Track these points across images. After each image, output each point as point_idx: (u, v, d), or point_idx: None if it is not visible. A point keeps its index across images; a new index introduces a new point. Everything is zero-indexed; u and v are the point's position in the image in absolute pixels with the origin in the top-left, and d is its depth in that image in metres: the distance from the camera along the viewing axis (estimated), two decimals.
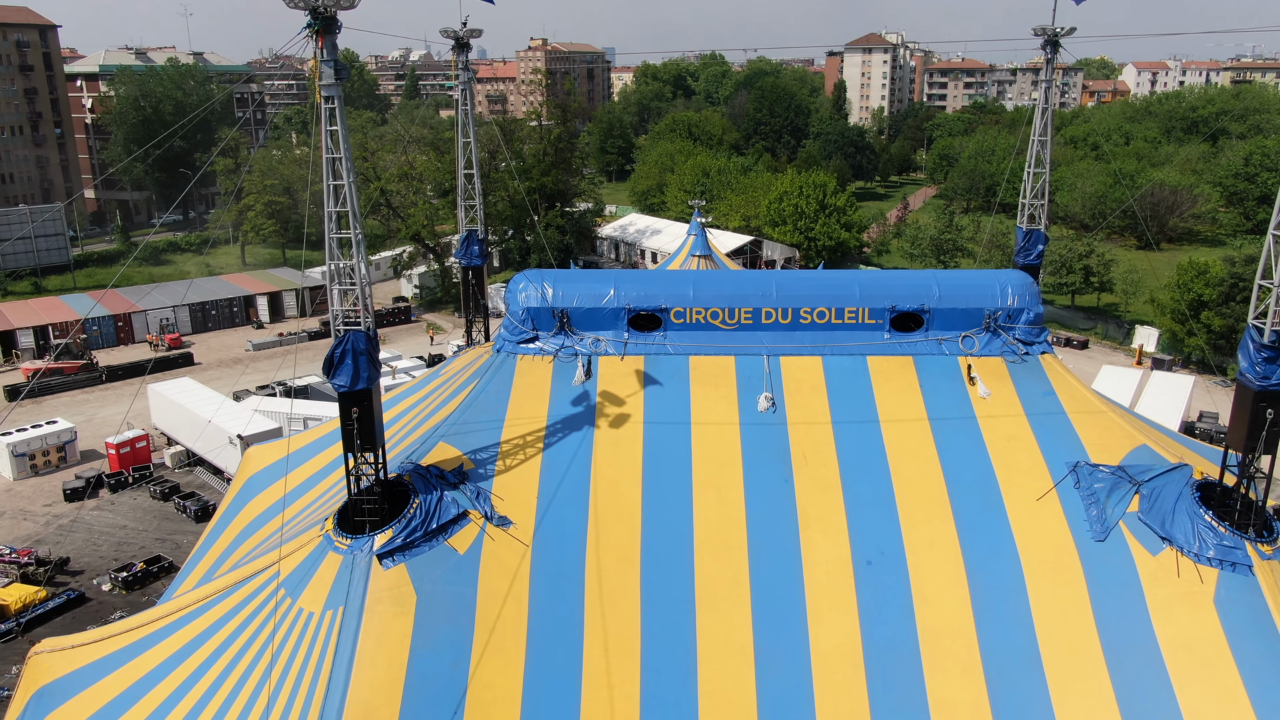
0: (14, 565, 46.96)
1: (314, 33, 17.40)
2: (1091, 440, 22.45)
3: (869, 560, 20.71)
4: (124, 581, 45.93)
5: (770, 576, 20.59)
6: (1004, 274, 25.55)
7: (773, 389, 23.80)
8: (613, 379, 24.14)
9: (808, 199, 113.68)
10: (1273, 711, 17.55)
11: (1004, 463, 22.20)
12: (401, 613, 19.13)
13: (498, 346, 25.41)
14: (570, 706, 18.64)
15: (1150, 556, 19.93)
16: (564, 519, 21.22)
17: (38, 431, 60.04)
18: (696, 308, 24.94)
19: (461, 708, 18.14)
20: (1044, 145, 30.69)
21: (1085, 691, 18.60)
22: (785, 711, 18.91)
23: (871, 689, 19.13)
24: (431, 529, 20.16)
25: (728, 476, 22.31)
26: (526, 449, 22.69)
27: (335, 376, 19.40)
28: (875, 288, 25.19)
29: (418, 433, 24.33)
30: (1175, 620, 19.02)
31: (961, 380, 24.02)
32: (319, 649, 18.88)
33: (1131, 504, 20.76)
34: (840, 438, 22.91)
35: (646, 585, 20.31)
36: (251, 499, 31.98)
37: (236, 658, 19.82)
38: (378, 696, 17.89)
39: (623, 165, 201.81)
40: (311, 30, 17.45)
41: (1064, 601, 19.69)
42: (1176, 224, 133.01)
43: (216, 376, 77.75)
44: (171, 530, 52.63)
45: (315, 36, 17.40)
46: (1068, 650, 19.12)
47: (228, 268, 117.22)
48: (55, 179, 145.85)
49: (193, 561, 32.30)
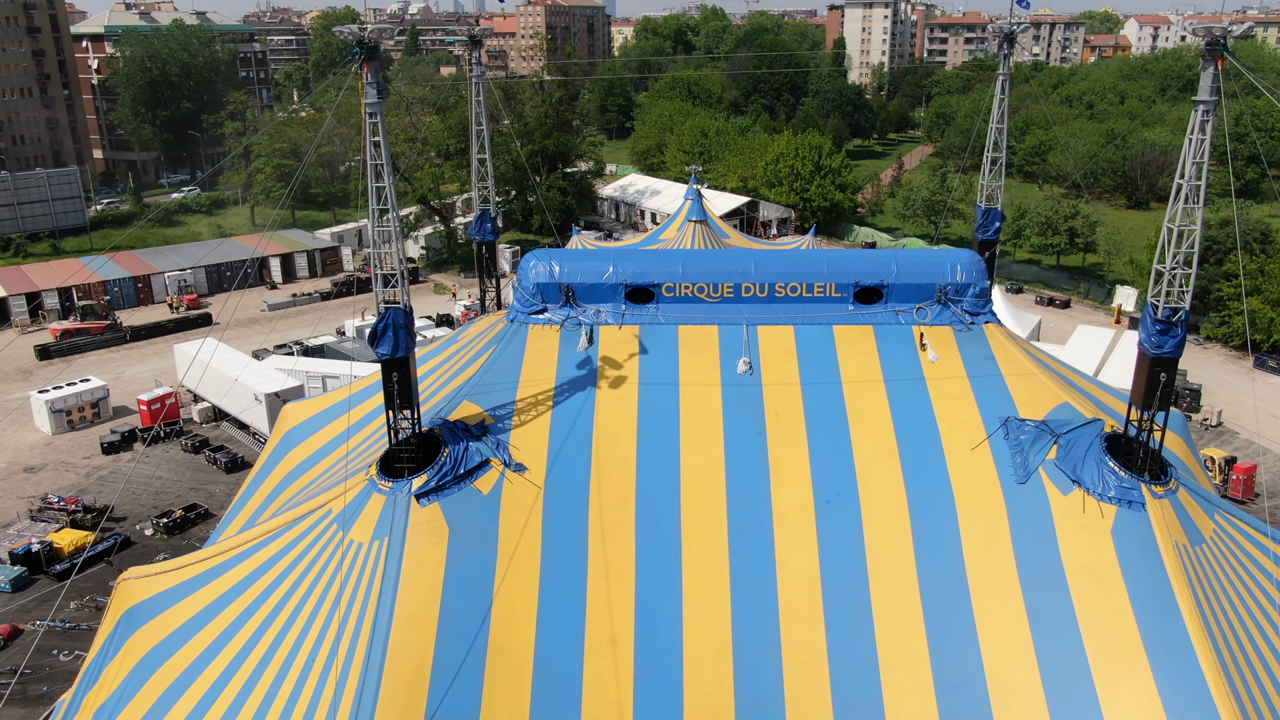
0: (63, 512, 51.07)
1: (360, 60, 20.79)
2: (1021, 399, 26.19)
3: (828, 500, 24.56)
4: (164, 527, 50.05)
5: (744, 513, 24.45)
6: (955, 253, 29.09)
7: (750, 354, 27.47)
8: (612, 346, 27.82)
9: (803, 160, 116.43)
10: (1151, 620, 21.44)
11: (946, 418, 25.96)
12: (436, 542, 23.03)
13: (511, 317, 29.07)
14: (576, 619, 22.59)
15: (1062, 496, 23.76)
16: (570, 465, 25.04)
17: (73, 389, 63.91)
18: (685, 283, 28.54)
19: (487, 619, 22.09)
20: (1001, 132, 34.03)
21: (1002, 607, 22.52)
22: (755, 623, 22.86)
23: (827, 605, 23.06)
24: (459, 474, 24.00)
25: (710, 430, 26.09)
26: (538, 406, 26.45)
27: (379, 346, 23.10)
28: (841, 265, 28.77)
29: (444, 391, 28.08)
30: (1078, 548, 22.88)
31: (914, 347, 27.69)
32: (369, 572, 22.80)
33: (1050, 452, 24.55)
34: (807, 397, 26.64)
35: (640, 521, 24.18)
36: (289, 451, 35.68)
37: (300, 578, 23.79)
38: (419, 609, 21.84)
39: (623, 123, 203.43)
40: (358, 58, 20.84)
41: (988, 533, 23.56)
42: (1166, 184, 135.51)
43: (235, 336, 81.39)
44: (204, 480, 56.71)
45: (361, 63, 20.80)
46: (989, 573, 23.02)
47: (238, 229, 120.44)
48: (65, 140, 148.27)
49: (236, 507, 36.19)
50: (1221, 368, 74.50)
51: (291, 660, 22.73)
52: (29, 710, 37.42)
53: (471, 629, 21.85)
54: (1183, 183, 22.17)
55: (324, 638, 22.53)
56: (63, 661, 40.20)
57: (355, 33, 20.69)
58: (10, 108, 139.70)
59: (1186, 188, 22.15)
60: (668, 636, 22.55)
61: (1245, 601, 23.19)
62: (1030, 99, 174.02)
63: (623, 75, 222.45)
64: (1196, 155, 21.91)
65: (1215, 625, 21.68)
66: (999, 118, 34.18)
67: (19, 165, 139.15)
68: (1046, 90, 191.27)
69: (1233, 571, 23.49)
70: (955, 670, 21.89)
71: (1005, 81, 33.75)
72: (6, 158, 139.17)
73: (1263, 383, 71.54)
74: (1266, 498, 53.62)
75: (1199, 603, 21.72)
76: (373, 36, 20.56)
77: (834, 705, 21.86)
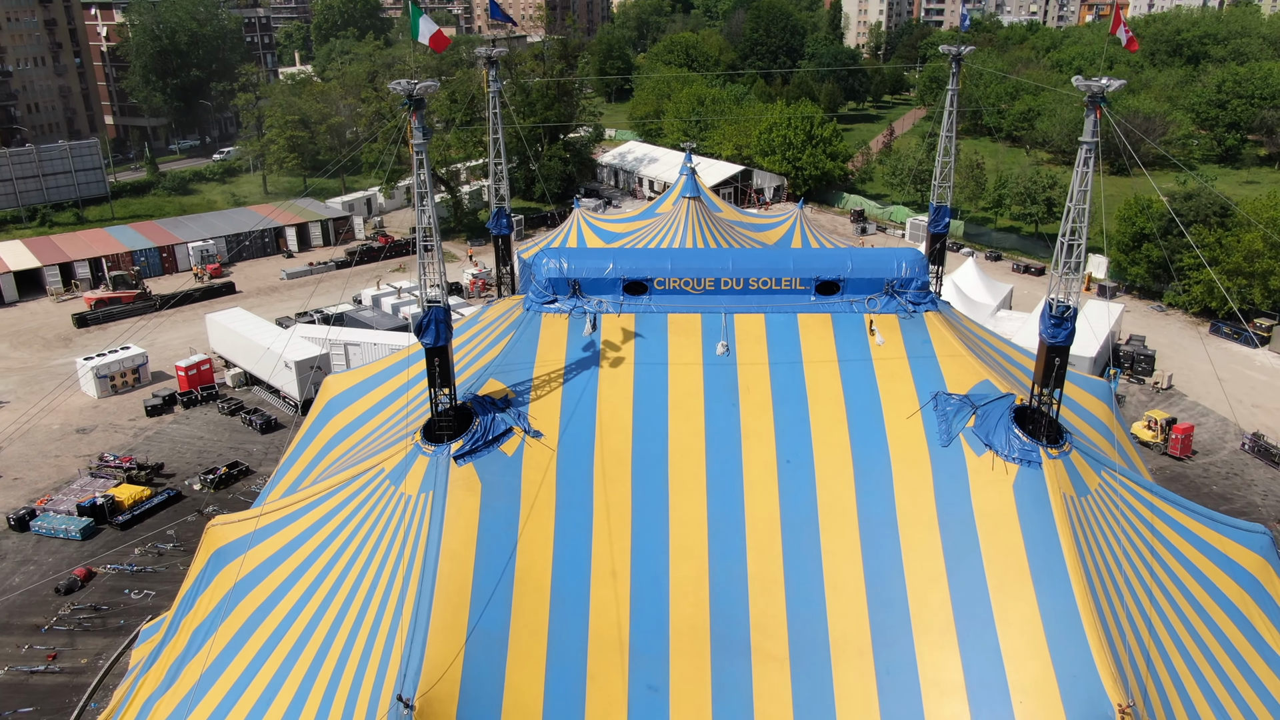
0: (119, 470, 56.83)
1: (409, 110, 25.93)
2: (950, 376, 31.67)
3: (788, 459, 30.16)
4: (211, 482, 55.81)
5: (720, 470, 30.06)
6: (901, 251, 34.38)
7: (727, 338, 32.87)
8: (612, 331, 33.23)
9: (795, 130, 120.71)
10: (1037, 554, 27.08)
11: (888, 392, 31.46)
12: (472, 494, 28.67)
13: (526, 306, 34.43)
14: (584, 554, 28.28)
15: (976, 456, 29.33)
16: (578, 432, 30.60)
17: (115, 356, 69.39)
18: (673, 278, 33.85)
19: (514, 554, 27.79)
20: (951, 139, 39.12)
21: (924, 544, 28.19)
22: (728, 558, 28.54)
23: (785, 544, 28.74)
24: (489, 440, 29.57)
25: (693, 402, 31.61)
26: (551, 382, 31.94)
27: (424, 336, 28.51)
28: (805, 262, 34.12)
29: (473, 369, 33.55)
30: (986, 498, 28.51)
31: (865, 332, 33.10)
32: (418, 518, 28.47)
33: (969, 421, 30.07)
34: (774, 374, 32.11)
35: (635, 476, 29.80)
36: (332, 418, 41.24)
37: (360, 523, 29.49)
38: (460, 546, 27.52)
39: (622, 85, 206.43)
40: (406, 108, 25.98)
41: (916, 486, 29.18)
42: (1149, 150, 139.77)
43: (258, 304, 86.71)
44: (241, 440, 62.42)
45: (410, 112, 25.94)
46: (915, 517, 28.67)
47: (251, 196, 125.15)
48: (77, 108, 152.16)
49: (286, 465, 41.78)
50: (1180, 334, 79.96)
51: (357, 587, 28.50)
52: (110, 639, 43.41)
53: (501, 562, 27.56)
54: (1070, 205, 27.32)
55: (383, 570, 28.29)
56: (134, 600, 46.12)
57: (406, 87, 25.81)
58: (24, 76, 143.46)
59: (1074, 210, 27.33)
60: (657, 568, 28.29)
61: (1119, 538, 28.93)
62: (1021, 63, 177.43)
63: (621, 34, 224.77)
64: (1081, 184, 27.07)
65: (1089, 557, 27.41)
66: (948, 127, 39.23)
67: (34, 133, 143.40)
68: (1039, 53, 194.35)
69: (1109, 516, 29.18)
70: (885, 593, 27.66)
71: (953, 95, 38.77)
72: (22, 126, 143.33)
73: (1216, 347, 77.05)
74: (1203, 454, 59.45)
75: (1076, 541, 27.42)
76: (420, 92, 25.68)
77: (789, 622, 27.64)
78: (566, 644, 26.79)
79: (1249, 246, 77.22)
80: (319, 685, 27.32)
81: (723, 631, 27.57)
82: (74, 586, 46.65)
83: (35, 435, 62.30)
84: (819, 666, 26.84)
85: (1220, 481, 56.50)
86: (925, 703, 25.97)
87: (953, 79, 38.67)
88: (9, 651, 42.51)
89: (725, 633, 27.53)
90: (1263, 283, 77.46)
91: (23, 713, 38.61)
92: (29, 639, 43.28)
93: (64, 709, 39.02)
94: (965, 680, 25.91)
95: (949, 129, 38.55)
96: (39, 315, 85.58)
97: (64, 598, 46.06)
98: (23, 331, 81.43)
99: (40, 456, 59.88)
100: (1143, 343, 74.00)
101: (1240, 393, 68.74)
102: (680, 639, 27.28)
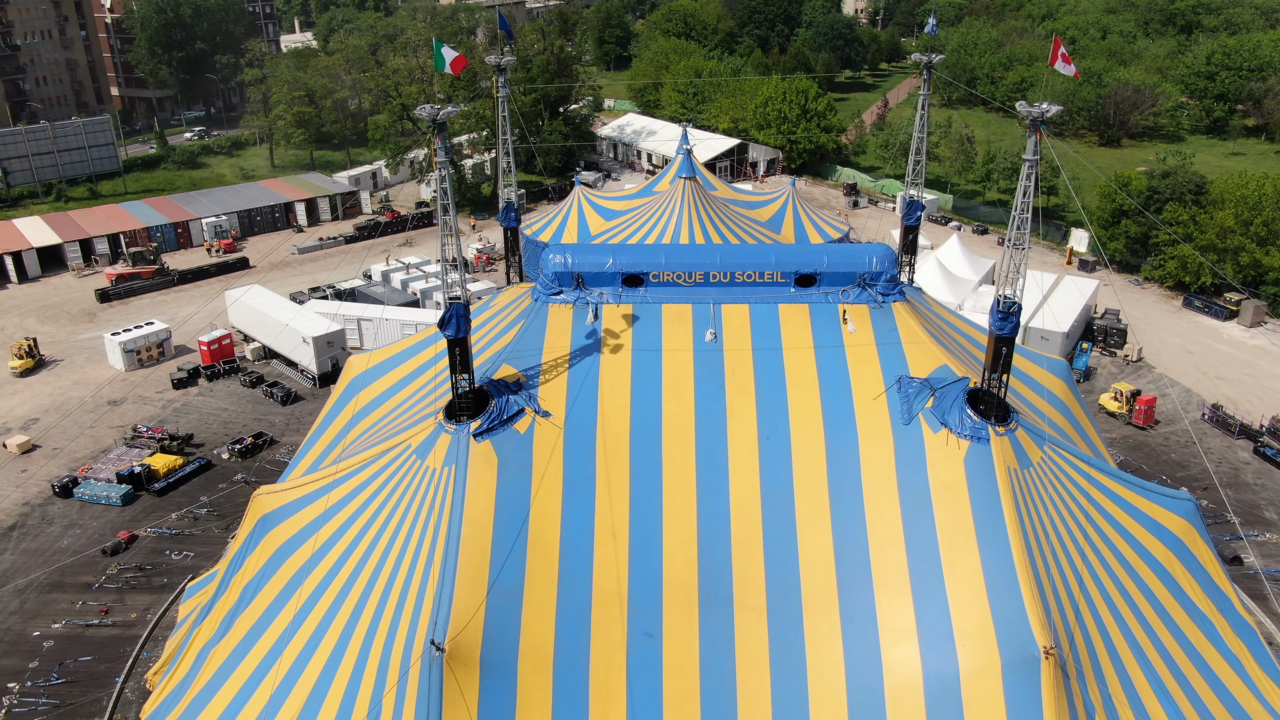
0: (152, 440, 60.87)
1: (433, 133, 29.52)
2: (913, 361, 35.55)
3: (768, 435, 34.14)
4: (238, 451, 59.83)
5: (708, 444, 34.05)
6: (872, 247, 38.10)
7: (715, 326, 36.68)
8: (612, 320, 37.05)
9: (790, 104, 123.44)
10: (982, 519, 31.12)
11: (857, 375, 35.36)
12: (489, 467, 32.67)
13: (535, 297, 38.23)
14: (588, 519, 32.32)
15: (933, 433, 33.31)
16: (582, 412, 34.55)
17: (140, 331, 73.19)
18: (667, 271, 37.62)
19: (527, 519, 31.85)
20: (923, 140, 42.62)
21: (885, 509, 32.23)
22: (714, 522, 32.60)
23: (764, 509, 32.80)
24: (503, 419, 33.53)
25: (684, 384, 35.52)
26: (558, 367, 35.83)
27: (446, 330, 32.33)
28: (785, 257, 37.84)
29: (487, 354, 37.42)
30: (940, 470, 32.52)
31: (838, 321, 36.93)
32: (443, 487, 32.50)
33: (928, 402, 34.01)
34: (757, 359, 35.99)
35: (633, 450, 33.78)
36: (355, 395, 45.14)
37: (391, 492, 33.53)
38: (480, 512, 31.56)
39: (621, 53, 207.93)
40: (431, 130, 29.55)
41: (880, 459, 33.18)
42: (1138, 121, 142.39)
43: (271, 279, 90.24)
44: (264, 412, 66.41)
45: (434, 135, 29.53)
46: (879, 486, 32.69)
47: (258, 169, 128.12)
48: (85, 80, 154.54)
49: (313, 438, 45.81)
50: (1154, 307, 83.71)
51: (390, 548, 32.63)
52: (156, 596, 47.68)
53: (516, 526, 31.63)
54: (1014, 214, 31.00)
55: (413, 533, 32.39)
56: (174, 560, 50.35)
57: (431, 113, 29.41)
58: (32, 50, 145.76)
59: (1019, 217, 31.01)
60: (652, 531, 32.38)
61: (1057, 505, 33.02)
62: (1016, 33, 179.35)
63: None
64: (1024, 196, 30.72)
65: (1028, 522, 31.49)
66: (920, 128, 42.73)
67: (43, 105, 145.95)
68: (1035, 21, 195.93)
69: (1049, 485, 33.24)
70: (850, 551, 31.77)
71: (924, 100, 42.21)
72: (32, 99, 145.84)
73: (1188, 320, 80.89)
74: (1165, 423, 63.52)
75: (1017, 508, 31.49)
76: (444, 117, 29.28)
77: (766, 577, 31.78)
78: (573, 597, 30.93)
79: (1221, 224, 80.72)
80: (359, 632, 31.54)
81: (709, 586, 31.71)
82: (119, 548, 50.86)
83: (70, 407, 66.32)
84: (792, 615, 31.01)
85: (1179, 450, 60.61)
86: (883, 646, 30.18)
87: (924, 85, 42.10)
88: (65, 607, 46.80)
89: (711, 587, 31.67)
90: (1234, 258, 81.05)
91: (83, 660, 42.94)
92: (82, 596, 47.55)
93: (119, 658, 43.34)
94: (917, 627, 30.09)
95: (921, 130, 42.06)
96: (62, 290, 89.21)
97: (110, 558, 50.27)
98: (49, 306, 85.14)
99: (76, 428, 63.89)
100: (1117, 317, 77.75)
101: (1206, 364, 72.70)
102: (672, 592, 31.43)
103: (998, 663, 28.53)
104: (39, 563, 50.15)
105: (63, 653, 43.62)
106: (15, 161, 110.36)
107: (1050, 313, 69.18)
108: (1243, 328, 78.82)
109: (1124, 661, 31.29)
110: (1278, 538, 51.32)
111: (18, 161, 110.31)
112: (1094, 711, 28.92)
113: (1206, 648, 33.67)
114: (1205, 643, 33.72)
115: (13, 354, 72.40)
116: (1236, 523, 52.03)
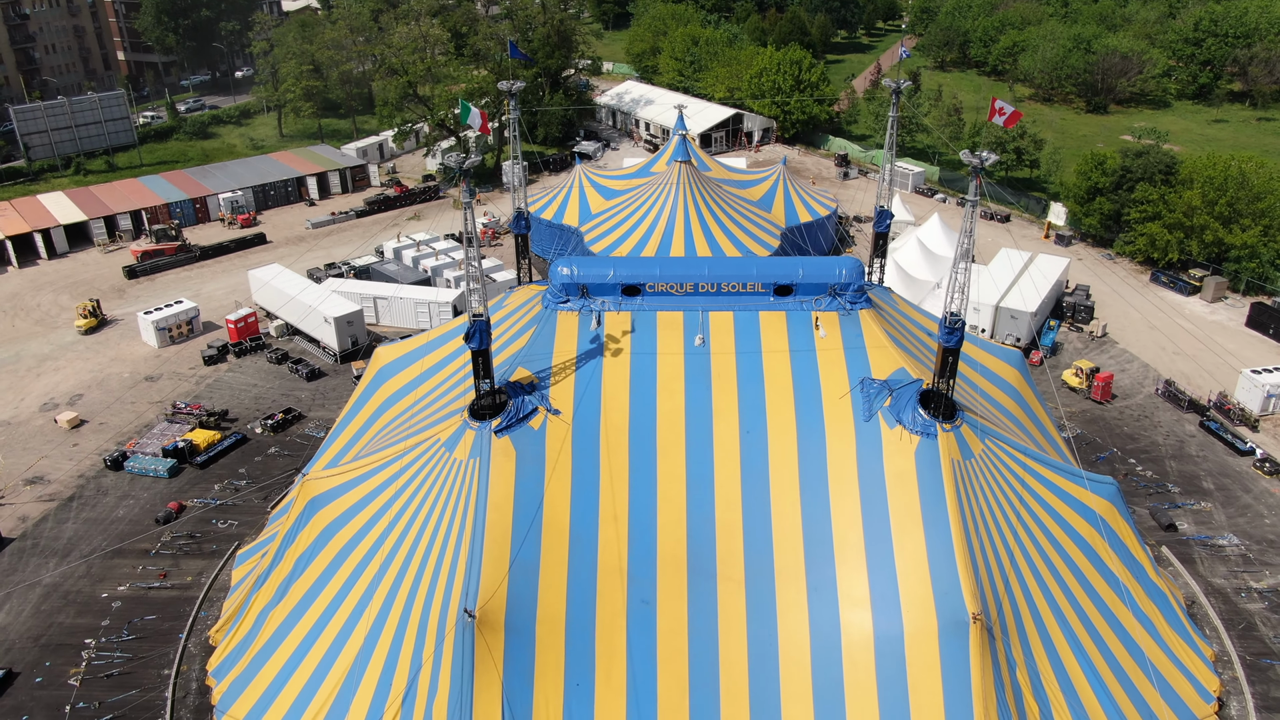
0: (191, 416, 66.29)
1: (458, 178, 34.39)
2: (875, 364, 40.86)
3: (748, 430, 39.56)
4: (270, 427, 65.23)
5: (696, 438, 39.50)
6: (842, 260, 43.17)
7: (704, 332, 41.92)
8: (613, 326, 42.26)
9: (784, 75, 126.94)
10: (928, 504, 36.67)
11: (826, 376, 40.68)
12: (509, 459, 38.16)
13: (545, 304, 43.38)
14: (593, 504, 37.87)
15: (889, 429, 38.74)
16: (587, 410, 39.94)
17: (170, 310, 78.20)
18: (661, 282, 42.74)
19: (541, 505, 37.41)
20: (890, 159, 47.38)
21: (847, 495, 37.78)
22: (701, 507, 38.16)
23: (744, 496, 38.34)
24: (520, 417, 38.93)
25: (676, 384, 40.87)
26: (566, 369, 41.13)
27: (470, 342, 37.55)
28: (766, 269, 42.94)
29: (505, 354, 42.68)
30: (894, 462, 38.01)
31: (811, 327, 42.14)
32: (468, 477, 38.01)
33: (886, 401, 39.38)
34: (739, 362, 41.28)
35: (632, 444, 39.24)
36: (382, 384, 50.37)
37: (425, 480, 39.06)
38: (501, 499, 37.12)
39: (619, 11, 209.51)
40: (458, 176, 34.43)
41: (843, 451, 38.64)
42: (1125, 87, 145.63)
43: (287, 254, 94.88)
44: (290, 388, 71.71)
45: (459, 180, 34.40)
46: (842, 475, 38.21)
47: (267, 139, 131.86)
48: (92, 47, 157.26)
49: (341, 424, 51.18)
50: (1122, 283, 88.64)
51: (424, 529, 38.25)
52: (207, 561, 53.47)
53: (532, 511, 37.21)
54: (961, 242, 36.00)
55: (444, 516, 37.98)
56: (221, 528, 56.06)
57: (458, 161, 34.30)
58: (41, 19, 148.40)
59: (961, 249, 36.03)
60: (648, 513, 37.97)
61: (993, 490, 38.58)
62: None
63: None
64: (969, 223, 35.65)
65: (967, 507, 37.07)
66: (889, 144, 47.46)
67: (52, 74, 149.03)
68: None
69: (988, 474, 38.77)
70: (816, 531, 37.38)
71: (893, 123, 46.93)
72: (41, 68, 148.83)
73: (1154, 295, 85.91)
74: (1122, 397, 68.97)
75: (958, 494, 37.04)
76: (470, 165, 34.18)
77: (745, 553, 37.44)
78: (581, 570, 36.64)
79: (1189, 203, 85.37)
80: (400, 599, 37.31)
81: (696, 561, 37.40)
82: (170, 518, 56.54)
83: (111, 384, 71.68)
84: (766, 586, 36.74)
85: (1131, 423, 66.15)
86: (842, 612, 35.95)
87: (893, 107, 46.62)
88: (127, 571, 52.62)
89: (698, 562, 37.36)
90: (1199, 236, 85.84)
91: (148, 619, 48.85)
92: (141, 561, 53.33)
93: (180, 616, 49.22)
94: (870, 596, 35.83)
95: (890, 146, 46.67)
96: (90, 266, 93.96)
97: (163, 527, 55.97)
98: (79, 283, 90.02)
99: (119, 403, 69.28)
100: (1086, 293, 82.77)
101: (1166, 339, 77.91)
102: (665, 566, 37.12)
103: (935, 626, 34.30)
104: (99, 531, 55.88)
105: (130, 612, 49.48)
106: (36, 136, 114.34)
107: (1019, 293, 74.23)
108: (1204, 303, 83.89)
109: (1045, 623, 37.13)
110: (1211, 506, 57.04)
111: (38, 136, 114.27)
112: (1015, 666, 34.80)
113: (1121, 610, 39.49)
114: (1120, 606, 39.54)
115: (79, 314, 79.89)
116: (1176, 492, 57.76)
